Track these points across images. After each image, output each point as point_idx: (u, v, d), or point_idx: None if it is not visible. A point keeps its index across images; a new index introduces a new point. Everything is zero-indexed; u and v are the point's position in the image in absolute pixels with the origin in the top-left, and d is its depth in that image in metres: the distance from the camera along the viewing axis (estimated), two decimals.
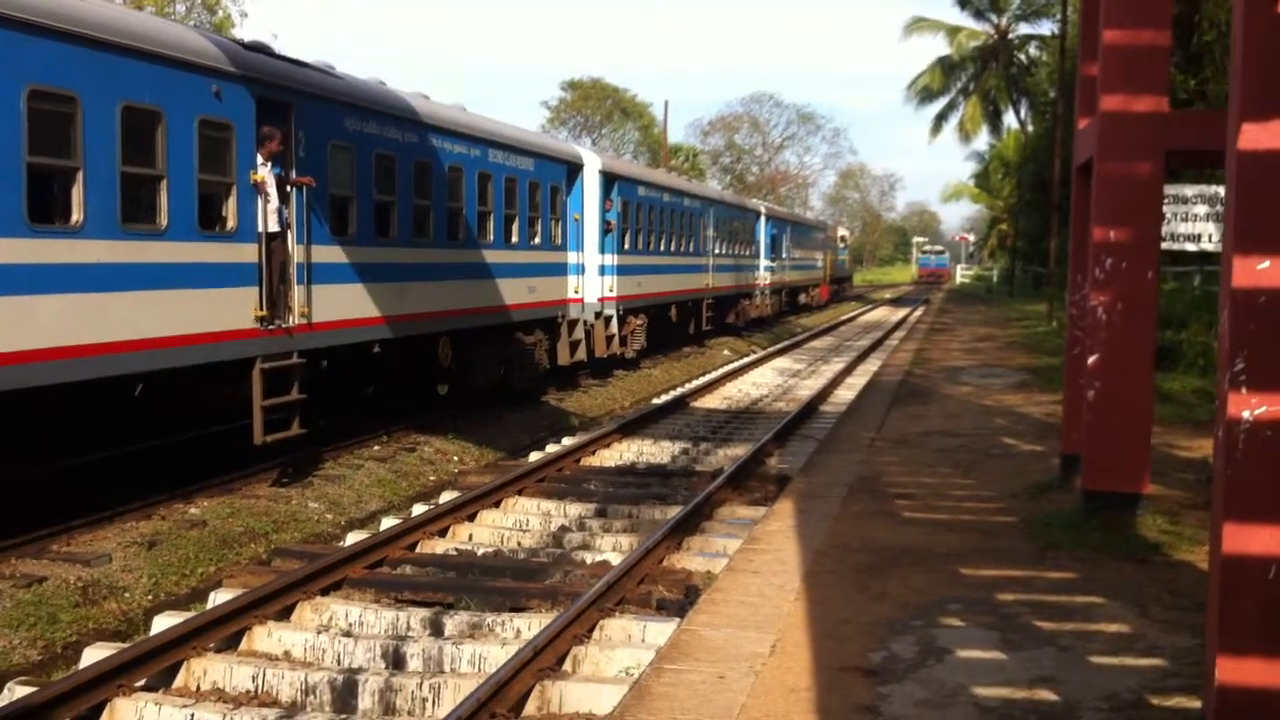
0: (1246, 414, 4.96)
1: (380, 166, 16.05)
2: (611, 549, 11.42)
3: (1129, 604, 7.72)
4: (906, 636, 7.08)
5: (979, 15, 69.39)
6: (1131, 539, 9.28)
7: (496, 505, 13.14)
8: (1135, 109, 9.41)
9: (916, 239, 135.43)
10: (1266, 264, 4.90)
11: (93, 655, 8.35)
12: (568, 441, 17.47)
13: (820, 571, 8.49)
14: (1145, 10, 9.43)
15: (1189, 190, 15.31)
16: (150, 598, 10.51)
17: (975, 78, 72.07)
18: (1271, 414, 4.92)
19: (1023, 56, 69.47)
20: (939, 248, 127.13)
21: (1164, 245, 13.83)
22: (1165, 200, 13.81)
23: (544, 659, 7.86)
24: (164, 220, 11.87)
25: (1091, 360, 9.69)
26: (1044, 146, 50.12)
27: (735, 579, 8.30)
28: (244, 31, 38.41)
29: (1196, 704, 5.76)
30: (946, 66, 72.40)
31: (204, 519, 12.36)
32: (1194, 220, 15.15)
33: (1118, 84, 9.47)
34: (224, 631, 8.66)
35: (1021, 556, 9.01)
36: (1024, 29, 69.01)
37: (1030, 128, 64.30)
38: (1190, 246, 15.47)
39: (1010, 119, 72.30)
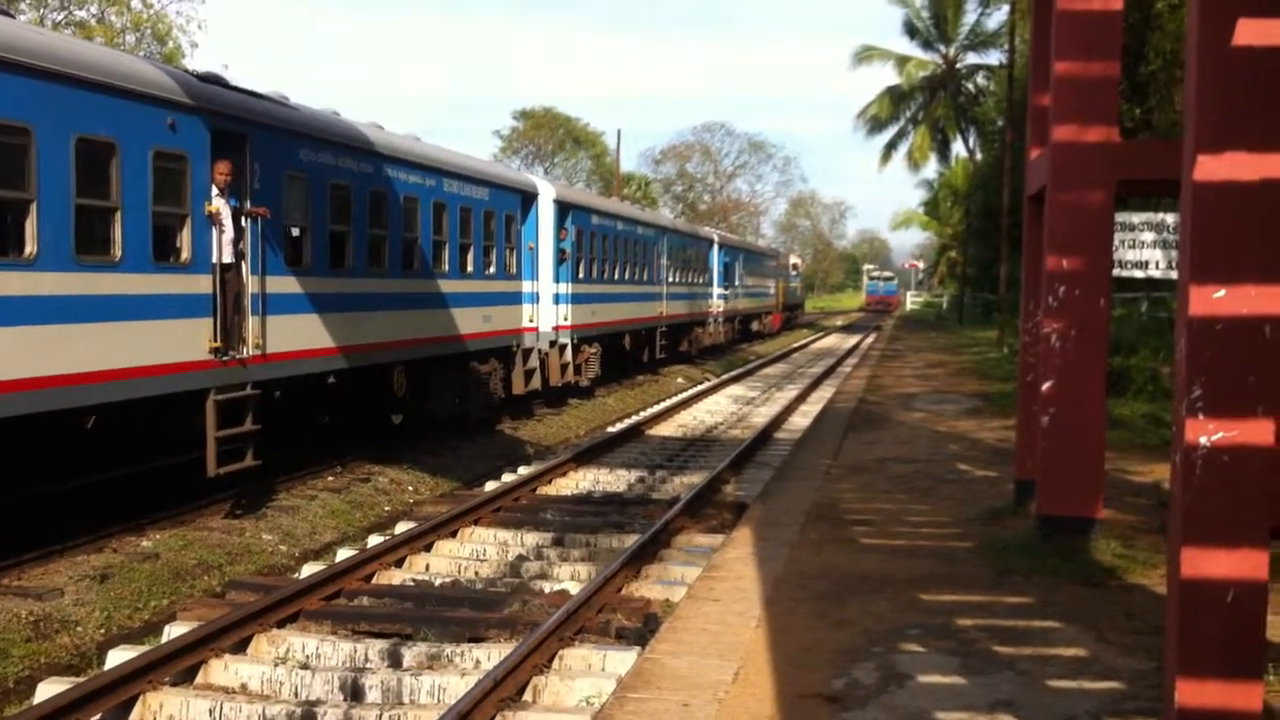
0: (1204, 439, 5.03)
1: (335, 196, 16.02)
2: (570, 578, 11.39)
3: (1085, 628, 7.79)
4: (868, 663, 7.11)
5: (927, 45, 70.25)
6: (1086, 563, 9.38)
7: (453, 535, 13.08)
8: (1087, 139, 9.56)
9: (866, 266, 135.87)
10: (1222, 293, 4.98)
11: (47, 690, 8.24)
12: (524, 471, 17.42)
13: (781, 599, 8.52)
14: (1095, 42, 9.59)
15: (1136, 218, 15.53)
16: (103, 632, 10.38)
17: (924, 107, 72.85)
18: (1228, 439, 5.00)
19: (971, 86, 70.37)
20: (888, 274, 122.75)
21: (1114, 272, 14.04)
22: (1114, 227, 14.02)
23: (504, 689, 7.83)
24: (118, 252, 11.79)
25: (1045, 387, 9.80)
26: (993, 175, 50.70)
27: (696, 607, 8.31)
28: (194, 62, 38.25)
29: None
30: (895, 96, 73.15)
31: (156, 551, 12.23)
32: (1141, 247, 15.37)
33: (1069, 115, 9.62)
34: (180, 665, 8.56)
35: (979, 582, 9.07)
36: (972, 59, 69.94)
37: (979, 156, 65.05)
38: (1138, 273, 15.68)
39: (959, 147, 73.23)
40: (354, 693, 8.40)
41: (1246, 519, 5.01)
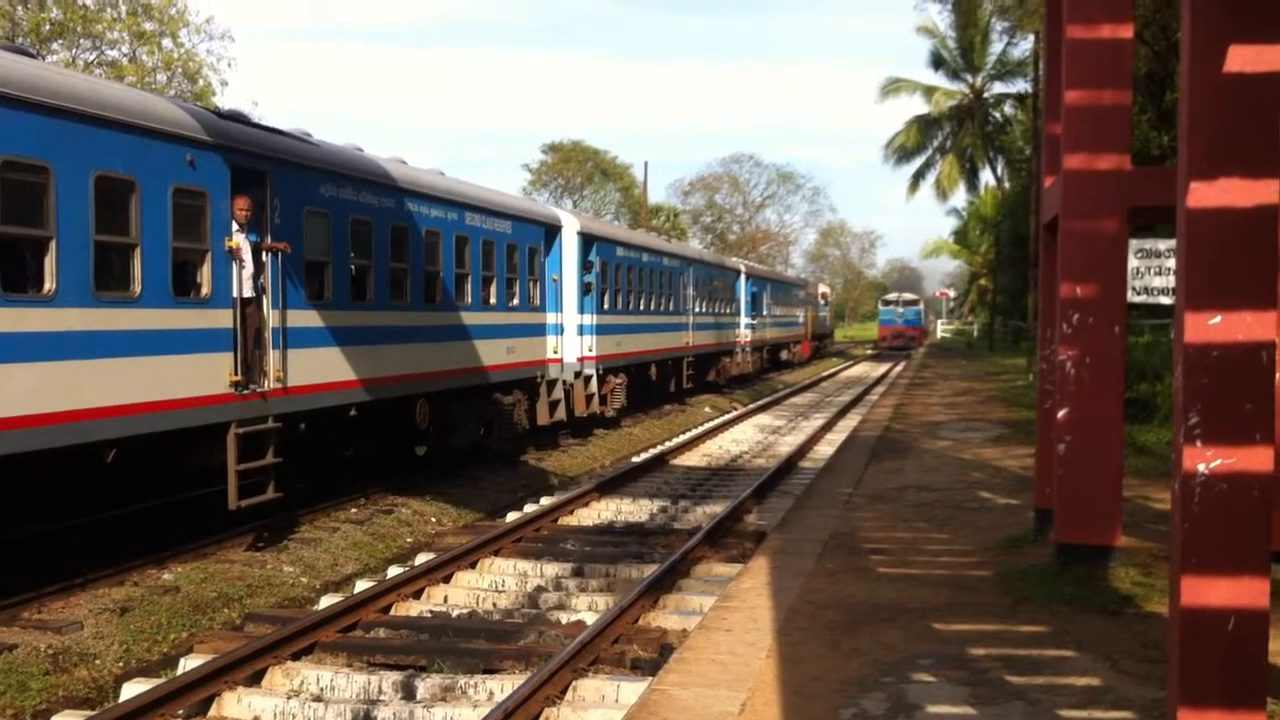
0: (1202, 467, 5.01)
1: (356, 231, 16.12)
2: (587, 609, 11.39)
3: (1100, 657, 7.72)
4: (877, 693, 7.07)
5: (954, 75, 70.34)
6: (1103, 592, 9.30)
7: (473, 566, 13.11)
8: (1098, 167, 9.53)
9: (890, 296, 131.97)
10: (1218, 319, 4.96)
11: None
12: (546, 501, 17.45)
13: (792, 629, 8.48)
14: (1106, 71, 9.57)
15: (1162, 244, 15.43)
16: (121, 665, 10.42)
17: (951, 136, 72.93)
18: (1226, 467, 4.97)
19: (998, 114, 70.38)
20: (910, 297, 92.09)
21: (1139, 299, 13.97)
22: (1139, 254, 13.95)
23: None
24: (138, 288, 11.90)
25: (1061, 414, 9.75)
26: (1021, 203, 50.60)
27: (707, 637, 8.29)
28: (224, 99, 38.63)
29: None
30: (923, 125, 73.27)
31: (177, 584, 12.29)
32: (1168, 274, 15.26)
33: (1080, 143, 9.60)
34: (193, 698, 8.60)
35: (994, 610, 9.01)
36: (999, 88, 69.98)
37: (1007, 184, 64.95)
38: (1165, 300, 15.56)
39: (987, 176, 73.17)
40: None
41: (1246, 547, 4.98)
